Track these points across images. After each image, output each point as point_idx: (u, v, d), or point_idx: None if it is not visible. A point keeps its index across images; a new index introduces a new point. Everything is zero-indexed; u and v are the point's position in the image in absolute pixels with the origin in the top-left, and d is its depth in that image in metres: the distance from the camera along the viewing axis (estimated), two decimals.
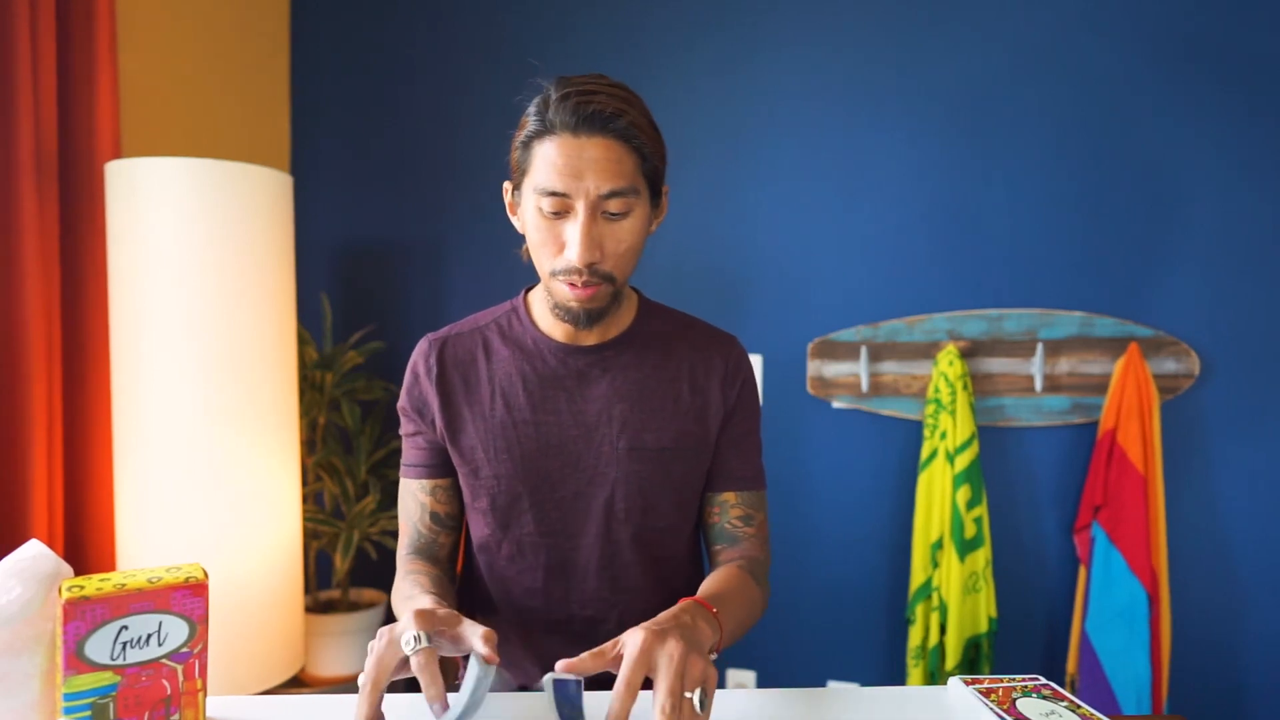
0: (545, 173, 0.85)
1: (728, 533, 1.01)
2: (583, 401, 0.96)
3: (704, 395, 0.99)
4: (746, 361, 1.03)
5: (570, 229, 0.86)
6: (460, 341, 0.98)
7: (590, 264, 0.86)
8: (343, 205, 2.32)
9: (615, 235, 0.87)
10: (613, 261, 0.88)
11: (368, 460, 2.08)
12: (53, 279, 1.55)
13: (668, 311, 1.04)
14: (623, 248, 0.88)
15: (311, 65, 2.33)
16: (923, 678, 1.88)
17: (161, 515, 1.53)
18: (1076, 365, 1.90)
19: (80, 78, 1.61)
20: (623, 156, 0.85)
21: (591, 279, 0.87)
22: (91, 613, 0.65)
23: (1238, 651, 1.88)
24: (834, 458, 2.04)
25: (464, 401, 0.96)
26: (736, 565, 0.95)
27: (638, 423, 0.96)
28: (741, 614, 0.88)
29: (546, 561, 0.98)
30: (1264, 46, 1.81)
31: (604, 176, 0.84)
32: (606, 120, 0.84)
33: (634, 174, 0.86)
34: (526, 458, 0.95)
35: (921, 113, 1.97)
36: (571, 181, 0.84)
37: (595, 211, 0.86)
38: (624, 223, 0.87)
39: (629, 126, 0.85)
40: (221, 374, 1.55)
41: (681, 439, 0.98)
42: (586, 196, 0.85)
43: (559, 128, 0.85)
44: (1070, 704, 0.80)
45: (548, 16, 2.17)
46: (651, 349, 0.99)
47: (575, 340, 0.96)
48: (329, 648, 1.99)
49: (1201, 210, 1.86)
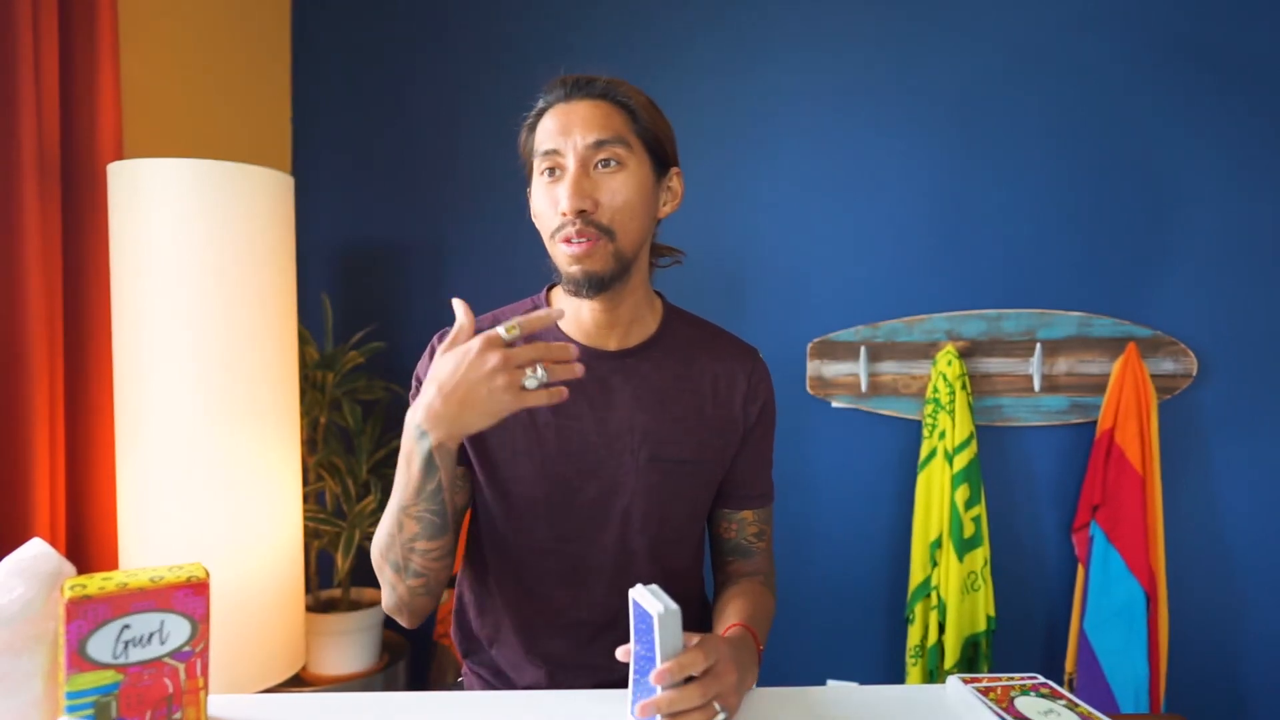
0: (539, 139, 0.91)
1: (742, 547, 1.04)
2: (605, 409, 0.94)
3: (726, 410, 0.99)
4: (768, 378, 1.03)
5: (561, 185, 0.88)
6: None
7: (580, 210, 0.86)
8: (344, 206, 2.32)
9: (609, 187, 0.88)
10: (609, 214, 0.88)
11: (369, 460, 2.08)
12: (55, 279, 1.56)
13: (693, 319, 1.04)
14: (618, 200, 0.88)
15: (313, 66, 2.33)
16: (922, 676, 1.88)
17: (163, 515, 1.53)
18: (1075, 365, 1.90)
19: (82, 79, 1.61)
20: (610, 113, 0.89)
21: (586, 228, 0.86)
22: (94, 612, 0.66)
23: (1235, 650, 1.88)
24: (833, 457, 2.05)
25: None
26: (760, 582, 1.02)
27: (660, 434, 0.95)
28: (765, 635, 0.96)
29: (558, 566, 0.97)
30: (1262, 47, 1.81)
31: (589, 128, 0.88)
32: (591, 83, 0.90)
33: (623, 129, 0.89)
34: (547, 461, 0.94)
35: (921, 113, 1.97)
36: (561, 138, 0.88)
37: (585, 164, 0.88)
38: (617, 175, 0.88)
39: (612, 87, 0.90)
40: (223, 374, 1.55)
41: (702, 451, 0.97)
42: (575, 150, 0.88)
43: (553, 101, 0.91)
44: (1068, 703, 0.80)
45: (548, 17, 2.17)
46: (675, 357, 0.98)
47: (599, 344, 0.95)
48: (330, 647, 1.99)
49: (1200, 211, 1.86)
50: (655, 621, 0.70)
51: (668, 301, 1.03)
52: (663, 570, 0.99)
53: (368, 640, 2.04)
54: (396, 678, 2.09)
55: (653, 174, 0.92)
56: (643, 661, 0.74)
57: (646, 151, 0.91)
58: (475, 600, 1.06)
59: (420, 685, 2.26)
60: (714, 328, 1.04)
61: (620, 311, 0.94)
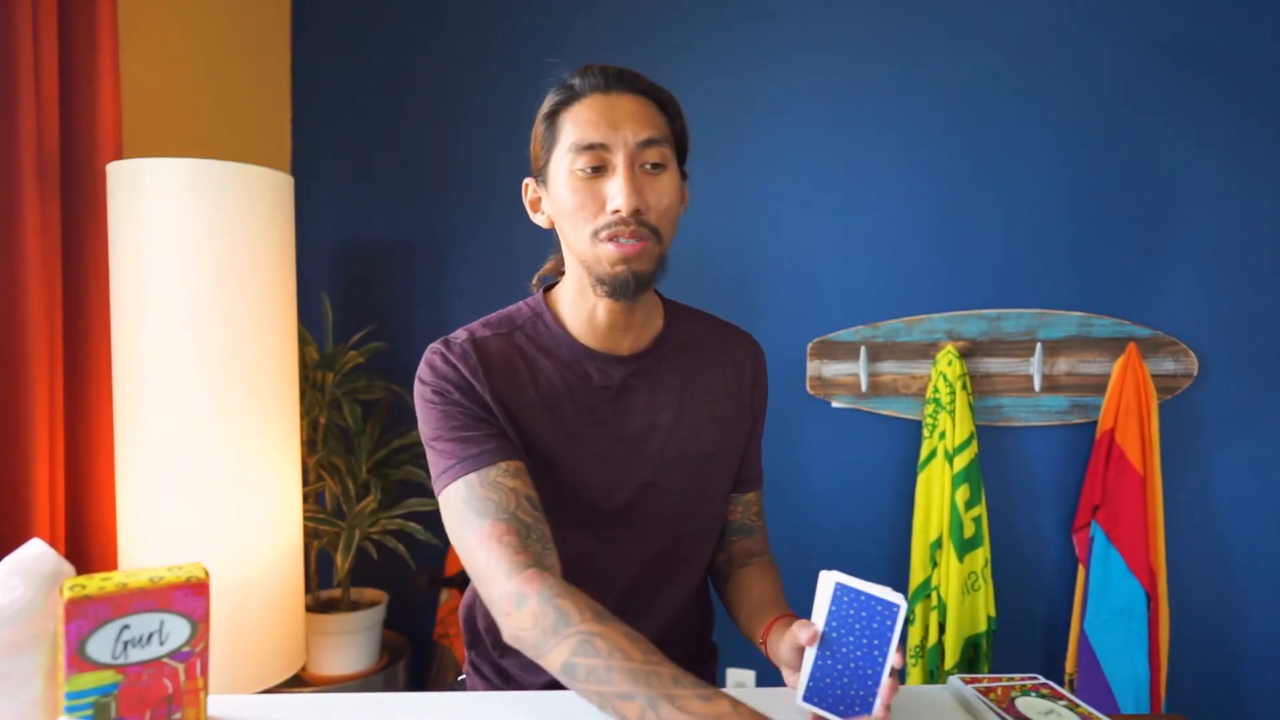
0: (580, 130, 0.85)
1: (746, 527, 1.06)
2: (627, 413, 0.93)
3: (737, 397, 1.01)
4: (765, 361, 1.06)
5: (611, 183, 0.84)
6: (491, 347, 0.91)
7: (636, 211, 0.84)
8: (343, 205, 2.32)
9: (656, 188, 0.86)
10: (656, 215, 0.86)
11: (369, 460, 2.08)
12: (54, 279, 1.55)
13: (692, 311, 1.04)
14: (665, 202, 0.86)
15: (312, 65, 2.33)
16: (922, 677, 1.88)
17: (163, 515, 1.53)
18: (1075, 365, 1.90)
19: (82, 79, 1.61)
20: (655, 112, 0.87)
21: (640, 229, 0.84)
22: (93, 612, 0.65)
23: (1236, 650, 1.88)
24: (833, 457, 2.05)
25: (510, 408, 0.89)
26: (769, 561, 1.05)
27: (682, 432, 0.95)
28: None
29: (577, 570, 0.93)
30: (1262, 48, 1.81)
31: (640, 125, 0.85)
32: (635, 79, 0.87)
33: (666, 130, 0.88)
34: (572, 473, 0.91)
35: (921, 113, 1.97)
36: (609, 131, 0.84)
37: (634, 162, 0.85)
38: (663, 176, 0.87)
39: (655, 87, 0.88)
40: (222, 374, 1.55)
41: (721, 443, 0.98)
42: (625, 145, 0.84)
43: (588, 90, 0.86)
44: (1069, 703, 0.80)
45: (548, 18, 2.17)
46: (688, 352, 0.98)
47: (612, 348, 0.93)
48: (330, 647, 1.99)
49: (1200, 211, 1.86)
50: (901, 612, 0.72)
51: (665, 297, 1.03)
52: (680, 562, 0.99)
53: (368, 640, 2.04)
54: (396, 678, 2.09)
55: (679, 175, 0.92)
56: (845, 647, 0.74)
57: (675, 153, 0.90)
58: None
59: (420, 685, 2.26)
60: (712, 318, 1.05)
61: (635, 315, 0.93)
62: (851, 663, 0.74)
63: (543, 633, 0.72)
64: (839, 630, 0.75)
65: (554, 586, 0.75)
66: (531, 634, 0.73)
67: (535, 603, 0.74)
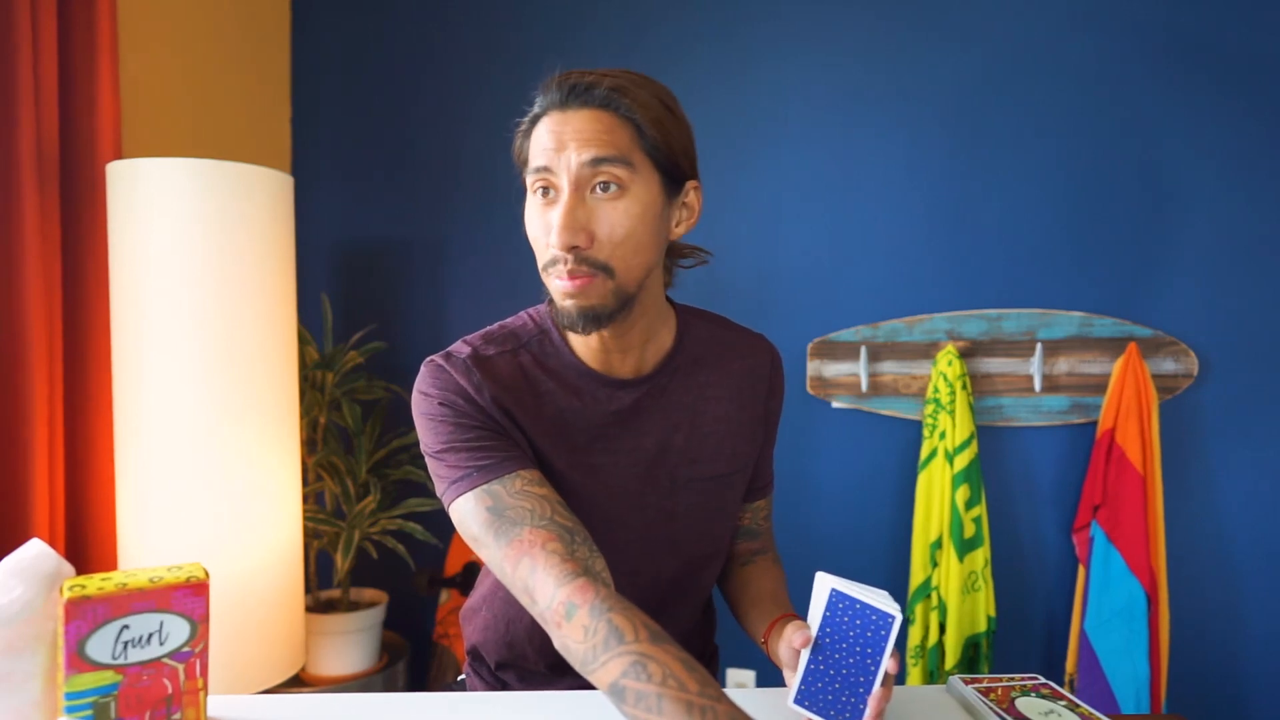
0: (532, 153, 0.79)
1: (753, 531, 1.05)
2: (638, 437, 0.87)
3: (752, 409, 0.96)
4: (782, 368, 1.01)
5: (554, 211, 0.76)
6: (497, 366, 0.84)
7: (571, 246, 0.75)
8: (343, 205, 2.32)
9: (607, 217, 0.76)
10: (607, 250, 0.76)
11: (368, 460, 2.08)
12: (54, 279, 1.55)
13: (708, 316, 0.98)
14: (618, 232, 0.76)
15: (312, 65, 2.33)
16: (922, 677, 1.88)
17: (162, 515, 1.53)
18: (1075, 365, 1.90)
19: (81, 78, 1.61)
20: (613, 126, 0.76)
21: (579, 268, 0.76)
22: (93, 612, 0.65)
23: (1236, 650, 1.88)
24: (833, 457, 2.05)
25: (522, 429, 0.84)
26: (773, 559, 1.03)
27: (694, 454, 0.90)
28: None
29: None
30: (1262, 47, 1.81)
31: (585, 144, 0.75)
32: (589, 88, 0.76)
33: (627, 146, 0.76)
34: (584, 501, 0.85)
35: (921, 113, 1.97)
36: (554, 155, 0.76)
37: (580, 187, 0.76)
38: (618, 202, 0.76)
39: (614, 94, 0.76)
40: (222, 374, 1.55)
41: (734, 460, 0.94)
42: (568, 170, 0.76)
43: (548, 107, 0.78)
44: (1069, 703, 0.80)
45: (549, 18, 2.17)
46: (702, 367, 0.92)
47: (616, 370, 0.87)
48: (330, 647, 1.99)
49: (1200, 210, 1.86)
50: (895, 624, 0.72)
51: (678, 305, 0.97)
52: (692, 580, 0.96)
53: (367, 640, 2.04)
54: (396, 678, 2.09)
55: (662, 194, 0.81)
56: (838, 653, 0.74)
57: (656, 169, 0.79)
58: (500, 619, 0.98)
59: (420, 685, 2.26)
60: (728, 323, 1.00)
61: (630, 338, 0.86)
62: (844, 669, 0.73)
63: (592, 648, 0.67)
64: (832, 636, 0.74)
65: (607, 599, 0.69)
66: (581, 648, 0.68)
67: (586, 614, 0.68)
